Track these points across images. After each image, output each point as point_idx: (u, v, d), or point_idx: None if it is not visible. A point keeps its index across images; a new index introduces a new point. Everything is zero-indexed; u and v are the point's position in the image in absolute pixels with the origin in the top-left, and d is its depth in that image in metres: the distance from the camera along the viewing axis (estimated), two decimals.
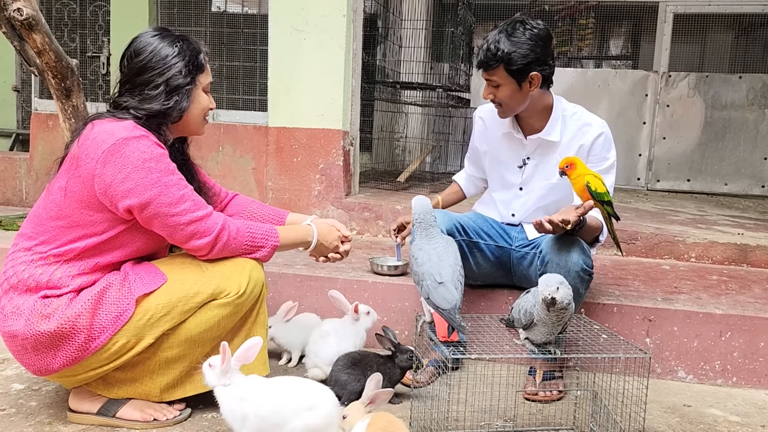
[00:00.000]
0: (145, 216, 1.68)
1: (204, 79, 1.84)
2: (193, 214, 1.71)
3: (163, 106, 1.74)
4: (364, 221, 3.66)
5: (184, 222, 1.71)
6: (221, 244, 1.77)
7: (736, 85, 5.68)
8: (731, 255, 3.25)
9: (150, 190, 1.65)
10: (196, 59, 1.80)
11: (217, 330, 1.79)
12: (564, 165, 2.03)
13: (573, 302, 1.67)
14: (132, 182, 1.64)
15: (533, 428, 1.90)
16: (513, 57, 2.11)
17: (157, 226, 1.71)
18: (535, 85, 2.17)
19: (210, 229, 1.74)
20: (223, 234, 1.77)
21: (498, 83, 2.18)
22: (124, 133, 1.66)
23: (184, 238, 1.73)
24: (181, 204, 1.70)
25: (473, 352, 1.65)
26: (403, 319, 2.52)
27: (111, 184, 1.64)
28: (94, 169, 1.65)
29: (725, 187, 5.73)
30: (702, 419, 2.06)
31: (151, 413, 1.80)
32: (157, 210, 1.67)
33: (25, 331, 1.63)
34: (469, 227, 2.34)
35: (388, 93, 5.05)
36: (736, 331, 2.34)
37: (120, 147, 1.64)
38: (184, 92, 1.77)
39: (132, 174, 1.64)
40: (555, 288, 1.62)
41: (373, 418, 1.60)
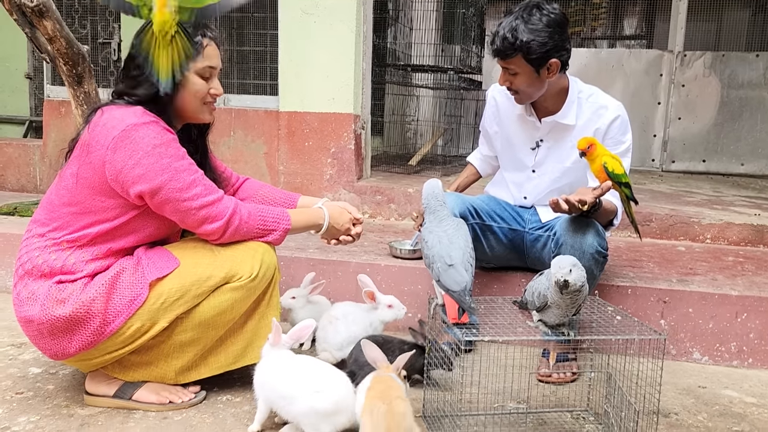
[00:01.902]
0: (157, 201, 1.69)
1: (197, 63, 1.78)
2: (204, 198, 1.72)
3: (148, 91, 1.71)
4: (376, 204, 3.65)
5: (195, 207, 1.71)
6: (233, 228, 1.77)
7: (753, 64, 5.57)
8: (747, 236, 3.22)
9: (160, 175, 1.65)
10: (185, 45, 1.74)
11: (231, 313, 1.80)
12: (585, 146, 1.97)
13: (587, 284, 1.66)
14: (142, 168, 1.64)
15: (547, 410, 1.90)
16: (532, 46, 2.06)
17: (168, 211, 1.72)
18: (553, 72, 2.14)
19: (221, 214, 1.74)
20: (234, 218, 1.77)
21: (515, 71, 2.13)
22: (133, 119, 1.66)
23: (195, 222, 1.73)
24: (192, 189, 1.70)
25: (486, 334, 1.64)
26: (416, 302, 2.52)
27: (122, 170, 1.65)
28: (104, 155, 1.65)
29: (741, 168, 5.65)
30: (717, 400, 2.05)
31: (167, 396, 1.82)
32: (168, 195, 1.68)
33: (41, 316, 1.65)
34: (482, 210, 2.33)
35: (399, 76, 5.02)
36: (752, 312, 2.32)
37: (129, 133, 1.64)
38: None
39: (142, 160, 1.64)
40: (568, 270, 1.61)
41: (373, 381, 1.62)
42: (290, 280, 2.60)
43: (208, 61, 1.81)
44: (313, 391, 1.61)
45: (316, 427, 1.61)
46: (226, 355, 1.86)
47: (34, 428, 1.69)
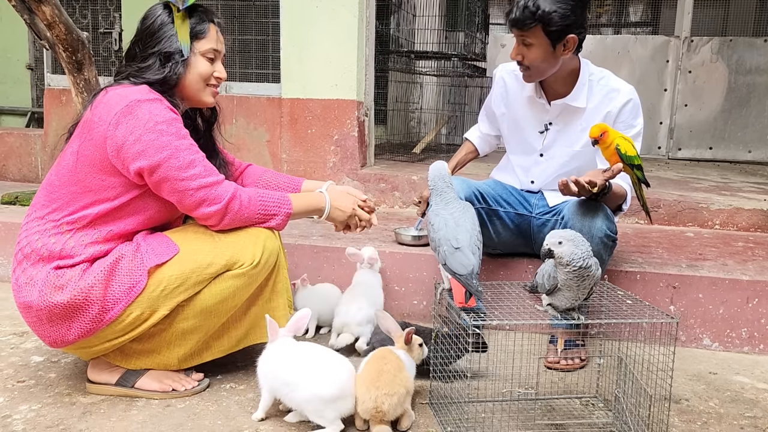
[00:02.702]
0: (155, 179, 1.66)
1: (202, 45, 1.78)
2: (203, 179, 1.68)
3: (157, 74, 1.72)
4: (380, 192, 3.61)
5: (193, 187, 1.67)
6: (232, 213, 1.74)
7: (761, 49, 5.50)
8: (757, 221, 3.17)
9: (160, 152, 1.63)
10: (194, 26, 1.77)
11: (233, 301, 1.77)
12: (598, 134, 1.92)
13: (597, 267, 1.62)
14: (143, 144, 1.62)
15: (555, 397, 1.87)
16: (553, 17, 2.00)
17: (166, 190, 1.68)
18: (569, 49, 2.08)
19: (220, 197, 1.71)
20: (233, 202, 1.73)
21: (531, 43, 2.07)
22: (137, 95, 1.65)
23: (193, 204, 1.70)
24: (190, 169, 1.66)
25: (494, 319, 1.61)
26: (421, 289, 2.49)
27: (123, 145, 1.62)
28: (106, 131, 1.63)
29: (749, 155, 5.59)
30: (728, 386, 2.01)
31: (170, 383, 1.79)
32: (167, 173, 1.64)
33: (39, 302, 1.62)
34: (489, 195, 2.29)
35: (402, 63, 4.97)
36: (763, 297, 2.28)
37: (133, 108, 1.62)
38: (178, 59, 1.74)
39: (143, 136, 1.61)
40: (557, 242, 1.58)
41: (376, 353, 1.66)
42: (294, 267, 2.57)
43: (214, 44, 1.81)
44: (316, 377, 1.59)
45: (321, 413, 1.59)
46: (229, 340, 1.84)
47: (36, 416, 1.67)
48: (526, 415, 1.74)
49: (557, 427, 1.69)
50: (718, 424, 1.76)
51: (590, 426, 1.71)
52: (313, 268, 2.56)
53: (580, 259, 1.57)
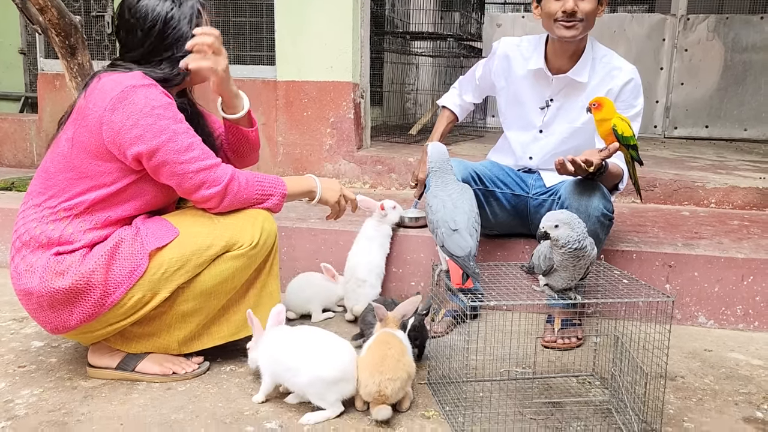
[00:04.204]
0: (154, 164, 1.66)
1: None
2: (201, 162, 1.68)
3: (167, 75, 1.73)
4: (376, 174, 3.61)
5: (192, 170, 1.67)
6: (232, 195, 1.74)
7: (757, 26, 5.48)
8: (753, 200, 3.18)
9: (158, 136, 1.63)
10: (194, 21, 1.75)
11: (232, 282, 1.78)
12: (592, 103, 1.96)
13: (593, 247, 1.63)
14: (140, 129, 1.61)
15: (552, 375, 1.89)
16: None
17: (165, 174, 1.68)
18: (603, 8, 2.16)
19: (219, 179, 1.71)
20: (233, 184, 1.74)
21: None
22: (132, 81, 1.64)
23: (192, 187, 1.70)
24: (189, 152, 1.67)
25: (491, 300, 1.62)
26: (418, 271, 2.50)
27: (119, 131, 1.62)
28: (102, 117, 1.62)
29: (745, 133, 5.59)
30: (724, 363, 2.04)
31: (170, 367, 1.81)
32: (166, 157, 1.64)
33: (40, 289, 1.63)
34: (485, 176, 2.29)
35: (398, 44, 4.93)
36: (758, 275, 2.30)
37: (128, 94, 1.61)
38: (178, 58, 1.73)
39: (140, 120, 1.61)
40: (553, 225, 1.60)
41: (378, 338, 1.68)
42: (291, 250, 2.58)
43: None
44: (317, 360, 1.60)
45: (322, 396, 1.60)
46: (229, 325, 1.84)
47: (38, 401, 1.68)
48: (523, 394, 1.77)
49: (554, 405, 1.71)
50: (713, 400, 1.79)
51: (587, 403, 1.73)
52: (311, 251, 2.56)
53: (575, 241, 1.58)
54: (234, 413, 1.64)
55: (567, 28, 2.12)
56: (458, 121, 2.64)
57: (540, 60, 2.25)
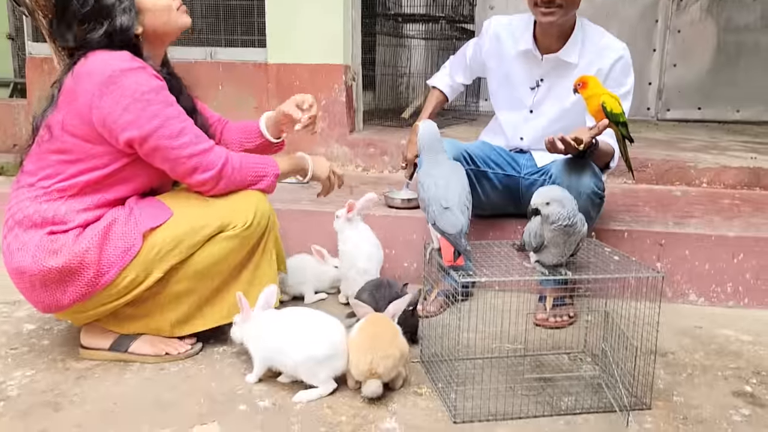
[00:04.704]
0: (146, 149, 1.65)
1: None
2: (194, 147, 1.68)
3: (102, 37, 1.63)
4: (369, 157, 3.61)
5: (185, 155, 1.67)
6: (227, 178, 1.74)
7: (750, 7, 5.45)
8: (744, 179, 3.20)
9: (150, 122, 1.61)
10: None
11: (225, 263, 1.78)
12: (577, 83, 1.97)
13: (583, 223, 1.64)
14: (131, 114, 1.60)
15: (544, 353, 1.91)
16: None
17: (158, 159, 1.68)
18: None
19: (213, 163, 1.71)
20: (227, 168, 1.73)
21: None
22: (120, 64, 1.61)
23: (186, 172, 1.69)
24: (181, 137, 1.66)
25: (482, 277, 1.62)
26: (412, 252, 2.50)
27: (108, 116, 1.60)
28: (91, 101, 1.60)
29: (737, 114, 5.58)
30: (714, 340, 2.06)
31: (163, 347, 1.81)
32: (158, 143, 1.64)
33: (33, 267, 1.62)
34: (477, 156, 2.29)
35: (389, 26, 4.90)
36: (748, 252, 2.31)
37: (116, 79, 1.59)
38: (120, 9, 1.63)
39: (131, 106, 1.59)
40: (544, 202, 1.61)
41: (369, 318, 1.68)
42: (283, 232, 2.55)
43: None
44: (307, 339, 1.61)
45: (314, 374, 1.61)
46: (221, 307, 1.84)
47: (30, 382, 1.68)
48: (515, 370, 1.78)
49: (546, 380, 1.72)
50: (703, 375, 1.81)
51: (578, 379, 1.74)
52: (304, 233, 2.56)
53: (566, 218, 1.59)
54: (227, 392, 1.65)
55: (545, 15, 2.11)
56: (448, 102, 2.64)
57: (529, 41, 2.24)
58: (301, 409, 1.57)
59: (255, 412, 1.56)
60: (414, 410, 1.58)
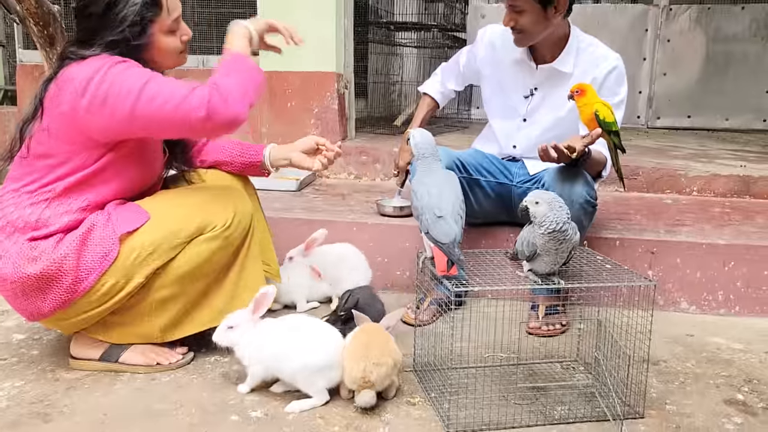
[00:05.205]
0: (136, 127, 1.61)
1: (162, 22, 1.70)
2: (170, 99, 1.56)
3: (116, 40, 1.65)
4: (361, 165, 3.61)
5: (169, 109, 1.56)
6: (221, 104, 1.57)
7: (738, 17, 5.52)
8: (734, 187, 3.22)
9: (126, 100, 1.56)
10: (148, 3, 1.66)
11: (210, 265, 1.77)
12: (574, 90, 1.97)
13: (575, 231, 1.64)
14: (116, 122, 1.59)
15: (537, 362, 1.90)
16: None
17: (155, 130, 1.65)
18: (560, 12, 2.10)
19: (199, 104, 1.56)
20: (213, 99, 1.57)
21: (522, 9, 2.08)
22: (99, 63, 1.59)
23: (182, 124, 1.59)
24: (157, 97, 1.56)
25: (475, 286, 1.63)
26: (404, 260, 2.50)
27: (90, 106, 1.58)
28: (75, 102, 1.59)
29: (726, 123, 5.64)
30: (705, 348, 2.06)
31: (154, 357, 1.80)
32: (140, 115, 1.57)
33: (13, 275, 1.61)
34: (469, 164, 2.29)
35: (382, 35, 4.92)
36: (739, 260, 2.32)
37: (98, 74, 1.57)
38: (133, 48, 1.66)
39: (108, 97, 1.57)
40: (534, 201, 1.62)
41: (362, 327, 1.68)
42: (276, 240, 2.56)
43: (174, 13, 1.73)
44: (307, 347, 1.61)
45: (312, 383, 1.60)
46: (210, 310, 1.82)
47: (19, 393, 1.66)
48: (508, 380, 1.78)
49: (539, 390, 1.72)
50: (695, 383, 1.81)
51: (571, 388, 1.74)
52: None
53: (552, 222, 1.59)
54: (218, 402, 1.63)
55: (514, 39, 2.18)
56: (439, 108, 2.64)
57: (519, 49, 2.25)
58: (293, 420, 1.56)
59: (247, 423, 1.55)
60: (407, 420, 1.58)
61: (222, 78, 1.63)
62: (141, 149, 1.76)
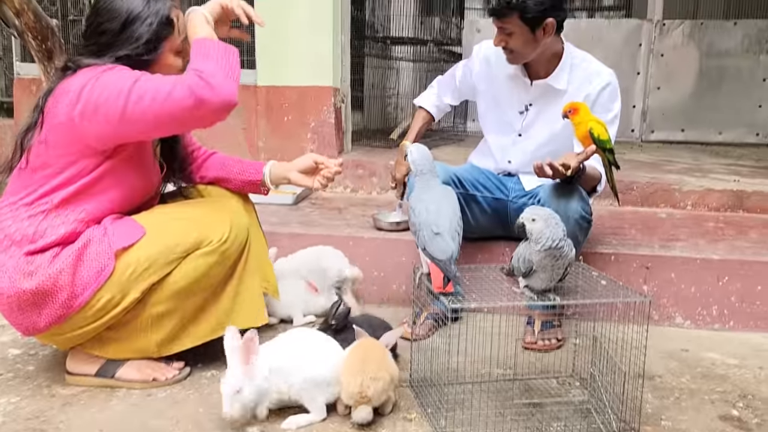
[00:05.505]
0: (124, 130, 1.62)
1: (173, 41, 1.74)
2: (157, 95, 1.56)
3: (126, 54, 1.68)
4: (357, 178, 3.62)
5: (158, 105, 1.56)
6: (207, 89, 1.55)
7: (731, 32, 5.57)
8: (727, 202, 3.25)
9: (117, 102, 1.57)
10: (163, 23, 1.70)
11: (207, 280, 1.77)
12: (567, 109, 2.00)
13: (571, 248, 1.65)
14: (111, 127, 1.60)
15: (533, 377, 1.91)
16: (528, 5, 2.05)
17: (151, 129, 1.65)
18: (549, 33, 2.13)
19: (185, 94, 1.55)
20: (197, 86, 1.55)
21: (511, 31, 2.12)
22: (92, 73, 1.61)
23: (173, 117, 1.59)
24: (145, 95, 1.57)
25: (472, 302, 1.63)
26: (400, 274, 2.51)
27: (83, 114, 1.59)
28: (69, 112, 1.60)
29: (720, 137, 5.67)
30: (700, 363, 2.07)
31: (150, 373, 1.79)
32: (131, 115, 1.57)
33: (9, 289, 1.62)
34: (466, 180, 2.31)
35: (378, 49, 4.95)
36: (733, 275, 2.34)
37: (90, 82, 1.59)
38: (142, 62, 1.69)
39: (99, 100, 1.58)
40: (531, 218, 1.64)
41: (359, 342, 1.69)
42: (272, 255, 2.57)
43: (183, 35, 1.76)
44: (311, 361, 1.62)
45: (313, 396, 1.61)
46: (207, 323, 1.82)
47: (15, 409, 1.66)
48: (504, 395, 1.78)
49: (535, 405, 1.73)
50: (690, 398, 1.82)
51: (567, 404, 1.75)
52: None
53: (548, 238, 1.61)
54: (215, 419, 1.63)
55: (506, 58, 2.22)
56: (434, 121, 2.66)
57: (518, 66, 2.27)
58: None
59: None
60: None
61: (201, 64, 1.59)
62: (138, 157, 1.77)
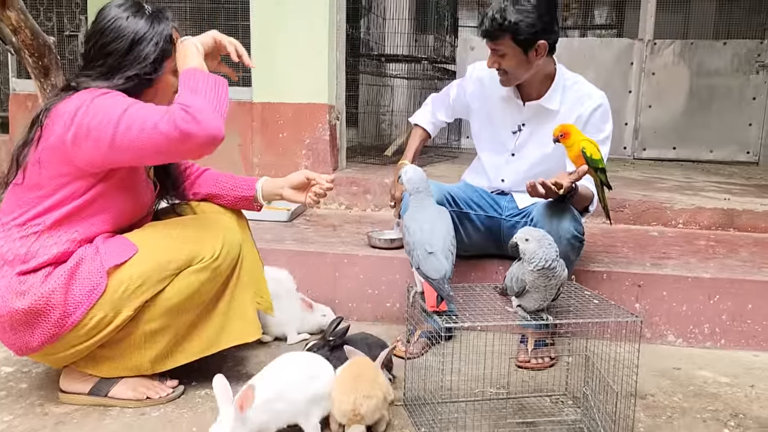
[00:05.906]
0: (114, 157, 1.61)
1: (172, 61, 1.76)
2: (145, 126, 1.56)
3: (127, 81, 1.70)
4: (352, 195, 3.64)
5: (145, 136, 1.56)
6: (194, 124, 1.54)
7: (720, 51, 5.66)
8: (718, 220, 3.28)
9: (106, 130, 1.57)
10: (167, 41, 1.73)
11: (199, 297, 1.77)
12: (558, 133, 2.02)
13: (564, 268, 1.67)
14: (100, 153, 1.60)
15: (526, 395, 1.92)
16: (520, 26, 2.08)
17: (140, 157, 1.63)
18: (541, 54, 2.16)
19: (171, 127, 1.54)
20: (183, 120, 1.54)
21: (504, 53, 2.15)
22: (87, 95, 1.62)
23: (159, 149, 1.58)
24: (133, 125, 1.56)
25: (465, 321, 1.65)
26: (394, 292, 2.51)
27: (76, 139, 1.59)
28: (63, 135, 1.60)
29: (711, 155, 5.74)
30: (692, 381, 2.08)
31: (144, 391, 1.79)
32: (120, 144, 1.57)
33: (1, 309, 1.61)
34: (459, 198, 2.33)
35: (373, 66, 5.00)
36: (724, 294, 2.36)
37: (81, 121, 1.59)
38: (145, 82, 1.72)
39: (91, 126, 1.58)
40: (524, 238, 1.65)
41: (352, 361, 1.70)
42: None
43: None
44: (307, 377, 1.62)
45: (309, 414, 1.61)
46: (200, 340, 1.82)
47: (7, 428, 1.65)
48: (497, 414, 1.79)
49: (528, 425, 1.73)
50: (682, 417, 1.83)
51: (560, 423, 1.75)
52: None
53: (541, 259, 1.62)
54: None
55: (500, 79, 2.25)
56: (430, 138, 2.68)
57: (511, 87, 2.30)
58: None
59: None
60: None
61: (188, 98, 1.59)
62: (131, 180, 1.78)
